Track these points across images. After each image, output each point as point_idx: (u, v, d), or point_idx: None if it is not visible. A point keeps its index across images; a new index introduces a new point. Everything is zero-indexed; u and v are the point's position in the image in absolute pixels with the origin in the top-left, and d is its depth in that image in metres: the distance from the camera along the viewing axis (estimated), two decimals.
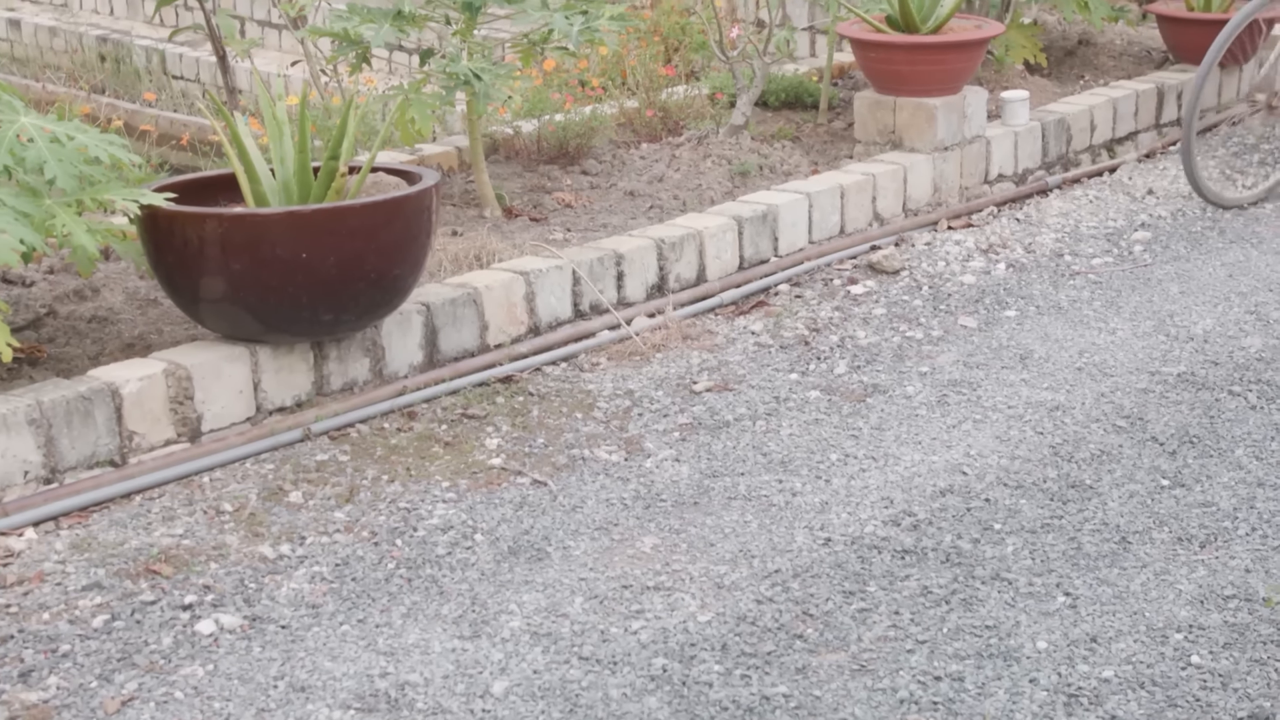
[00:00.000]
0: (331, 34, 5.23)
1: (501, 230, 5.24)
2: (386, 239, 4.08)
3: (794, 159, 6.11)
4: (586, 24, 5.21)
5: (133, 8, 12.74)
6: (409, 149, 5.77)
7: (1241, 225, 5.92)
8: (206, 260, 3.95)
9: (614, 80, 7.06)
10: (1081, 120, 6.58)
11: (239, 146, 4.18)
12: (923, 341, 4.86)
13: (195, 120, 8.74)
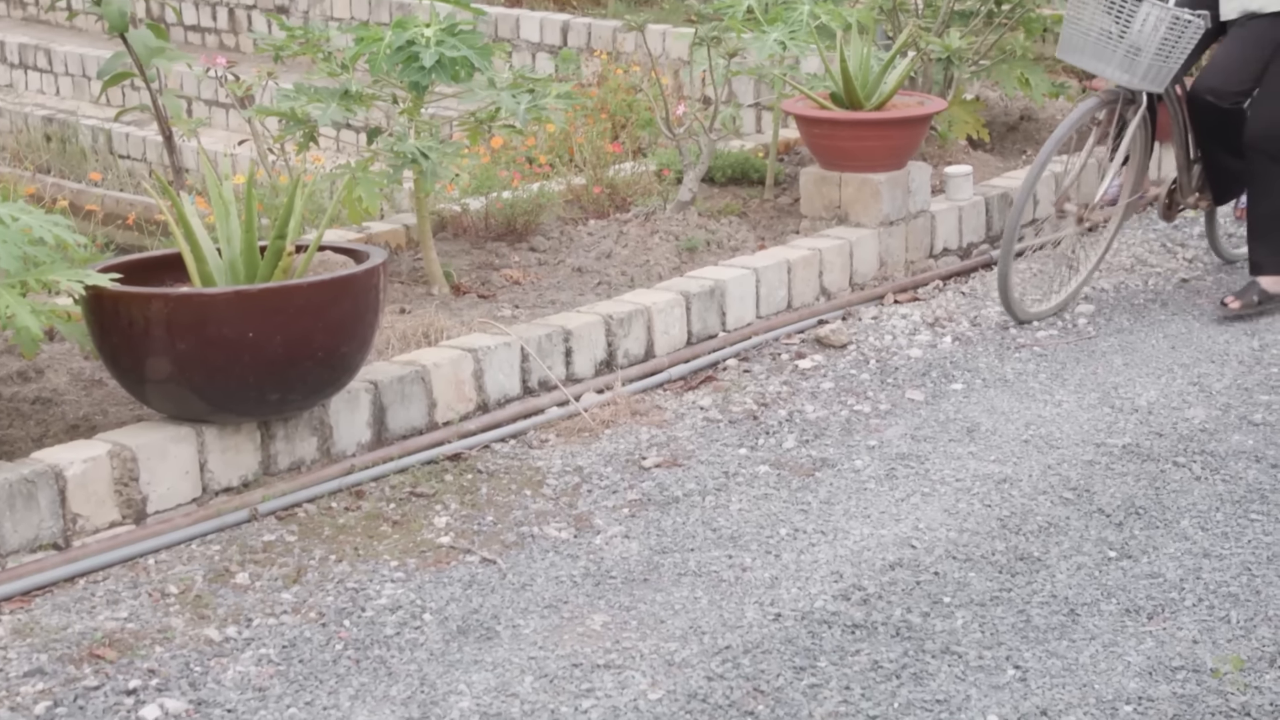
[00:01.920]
0: (278, 113, 5.24)
1: (450, 307, 5.24)
2: (334, 317, 4.07)
3: (741, 234, 6.15)
4: (533, 102, 5.25)
5: (79, 88, 12.73)
6: (357, 227, 5.77)
7: (1183, 298, 5.99)
8: (152, 340, 3.93)
9: (561, 157, 7.09)
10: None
11: (185, 226, 4.17)
12: (870, 415, 4.88)
13: (141, 199, 8.73)
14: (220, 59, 6.57)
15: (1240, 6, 5.58)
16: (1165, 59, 5.39)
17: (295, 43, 5.50)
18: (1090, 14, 5.48)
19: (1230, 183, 5.91)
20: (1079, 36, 5.53)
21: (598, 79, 8.59)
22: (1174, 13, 5.32)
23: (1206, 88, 5.58)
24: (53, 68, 13.00)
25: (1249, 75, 5.56)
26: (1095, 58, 5.51)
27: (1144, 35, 5.36)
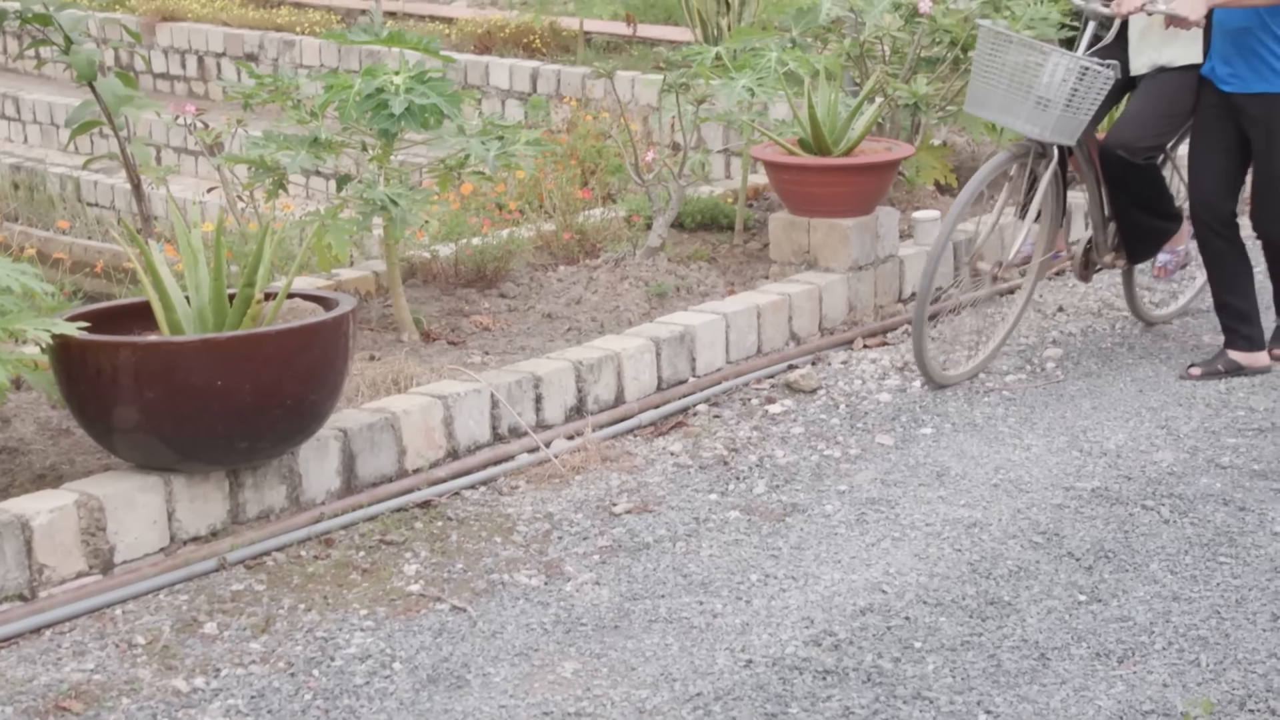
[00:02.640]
0: (248, 161, 5.24)
1: (419, 354, 5.24)
2: (303, 365, 4.06)
3: (710, 280, 6.17)
4: (503, 149, 5.26)
5: (47, 136, 12.71)
6: (326, 274, 5.76)
7: (1150, 341, 6.02)
8: (120, 389, 3.92)
9: (531, 203, 7.11)
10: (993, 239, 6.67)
11: (153, 274, 4.16)
12: (841, 460, 4.89)
13: (110, 247, 8.71)
14: (189, 106, 6.56)
15: (1150, 60, 5.50)
16: (1075, 111, 5.25)
17: (264, 90, 5.50)
18: (998, 66, 5.33)
19: (1146, 241, 5.76)
20: (987, 89, 5.37)
21: (567, 125, 8.62)
22: (1082, 63, 5.20)
23: (1118, 143, 5.45)
24: (20, 116, 12.99)
25: (1161, 130, 5.47)
26: (1004, 110, 5.35)
27: (1052, 87, 5.22)
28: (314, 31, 12.43)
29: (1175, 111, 5.47)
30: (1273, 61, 5.23)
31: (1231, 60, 5.30)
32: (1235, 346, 5.58)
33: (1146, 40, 5.49)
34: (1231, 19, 5.26)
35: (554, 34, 11.47)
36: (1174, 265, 5.92)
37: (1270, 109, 5.27)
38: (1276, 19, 5.19)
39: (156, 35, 13.21)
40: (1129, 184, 5.55)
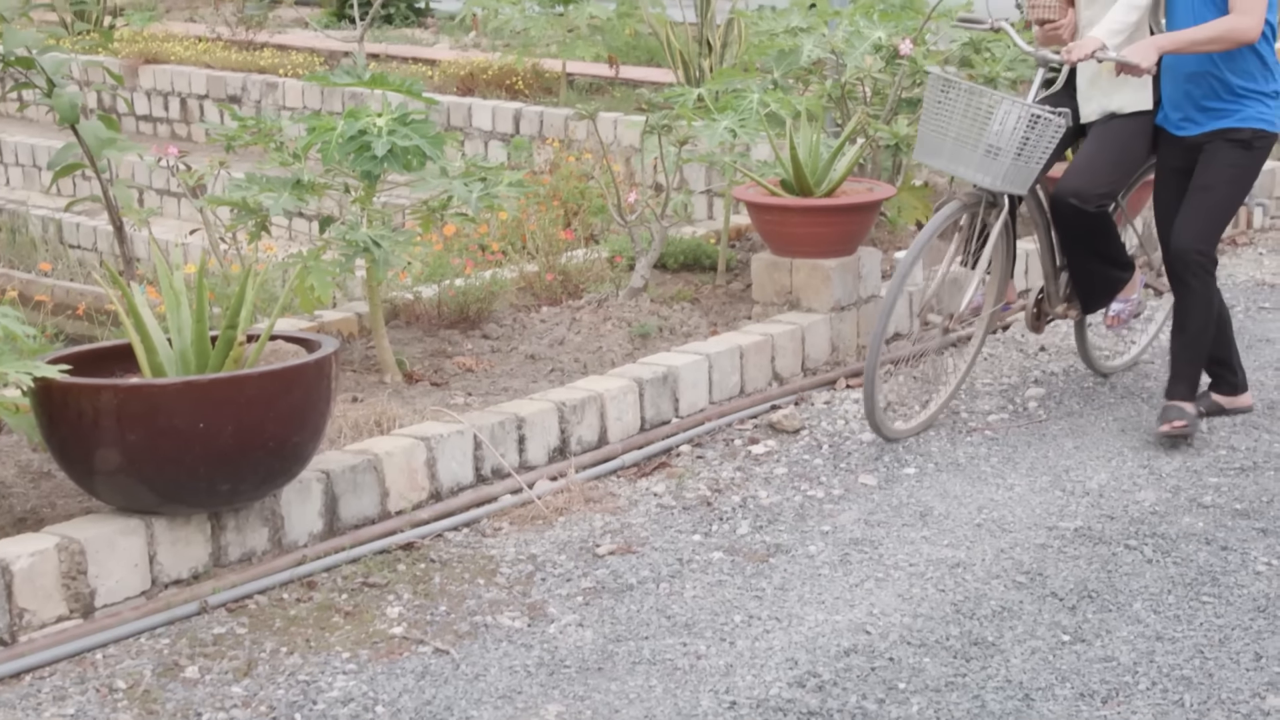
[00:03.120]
0: (230, 203, 5.25)
1: (402, 396, 5.23)
2: (285, 407, 4.06)
3: (693, 320, 6.17)
4: (486, 190, 5.27)
5: (29, 178, 12.70)
6: (309, 315, 5.76)
7: (1131, 381, 6.03)
8: (101, 432, 3.91)
9: (514, 245, 7.11)
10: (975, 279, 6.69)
11: (135, 317, 4.15)
12: (824, 500, 4.89)
13: (92, 289, 8.69)
14: (172, 149, 6.57)
15: (1100, 107, 5.41)
16: (1026, 160, 5.15)
17: (247, 133, 5.52)
18: (947, 113, 5.23)
19: (1099, 290, 5.66)
20: (936, 137, 5.27)
21: (550, 166, 8.65)
22: (1033, 111, 5.10)
23: (1069, 190, 5.32)
24: (2, 158, 12.98)
25: (1113, 177, 5.36)
26: (953, 159, 5.25)
27: (1003, 135, 5.12)
28: (297, 74, 12.45)
29: (1127, 159, 5.40)
30: (1224, 106, 5.19)
31: (1182, 105, 5.27)
32: (1219, 390, 5.59)
33: (1096, 87, 5.42)
34: (1182, 63, 5.22)
35: (536, 76, 11.51)
36: (1127, 314, 5.78)
37: (1218, 137, 5.22)
38: (1229, 65, 5.17)
39: (139, 77, 13.23)
40: (1081, 233, 5.44)
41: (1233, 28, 5.04)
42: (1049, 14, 5.54)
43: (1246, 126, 5.19)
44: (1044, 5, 5.56)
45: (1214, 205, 5.24)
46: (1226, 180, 5.23)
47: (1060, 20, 5.51)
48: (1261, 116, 5.21)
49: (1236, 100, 5.18)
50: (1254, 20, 5.04)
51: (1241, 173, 5.28)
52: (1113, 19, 5.21)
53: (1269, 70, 5.21)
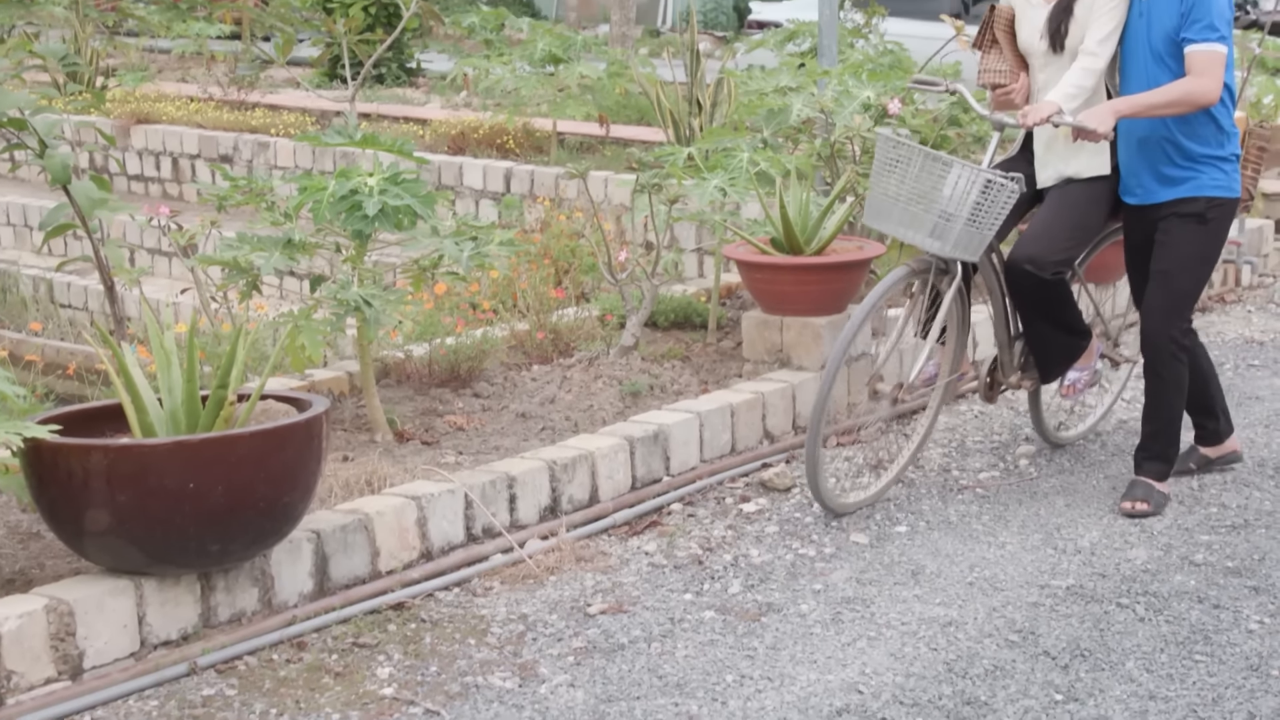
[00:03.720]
0: (222, 262, 5.26)
1: (393, 454, 5.23)
2: (276, 467, 4.05)
3: (684, 378, 6.18)
4: (477, 249, 5.29)
5: (20, 237, 12.72)
6: (300, 375, 5.76)
7: (1122, 438, 6.04)
8: (91, 492, 3.90)
9: (505, 303, 7.13)
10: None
11: (125, 376, 4.15)
12: (815, 559, 4.88)
13: (82, 349, 8.68)
14: (163, 209, 6.59)
15: (1057, 172, 5.30)
16: (979, 226, 5.00)
17: (239, 193, 5.53)
18: (896, 176, 5.09)
19: (1056, 358, 5.53)
20: (886, 202, 5.13)
21: (541, 225, 8.67)
22: (986, 176, 4.96)
23: (1025, 257, 5.19)
24: None
25: (1069, 244, 5.23)
26: (904, 224, 5.10)
27: (955, 200, 4.98)
28: (288, 133, 12.50)
29: (1084, 225, 5.26)
30: (1179, 173, 5.09)
31: (1137, 172, 5.17)
32: (1204, 442, 5.58)
33: (1052, 151, 5.32)
34: (1135, 128, 5.13)
35: (527, 134, 11.56)
36: (1083, 384, 5.67)
37: (1176, 209, 5.11)
38: (1183, 128, 5.07)
39: (131, 137, 13.27)
40: (1037, 300, 5.31)
41: (1191, 90, 4.95)
42: (1000, 79, 5.44)
43: (1201, 196, 5.08)
44: (995, 70, 5.46)
45: (1177, 289, 5.16)
46: (1187, 261, 5.14)
47: (1012, 85, 5.40)
48: (1217, 184, 5.09)
49: (1192, 166, 5.08)
50: (1212, 83, 4.96)
51: (1201, 249, 5.18)
52: (1069, 83, 5.13)
53: (1224, 134, 5.10)
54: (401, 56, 16.63)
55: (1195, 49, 4.95)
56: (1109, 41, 5.13)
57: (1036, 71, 5.36)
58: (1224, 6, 4.97)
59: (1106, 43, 5.13)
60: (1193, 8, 4.95)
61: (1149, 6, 5.06)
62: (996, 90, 5.46)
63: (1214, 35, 4.93)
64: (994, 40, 5.46)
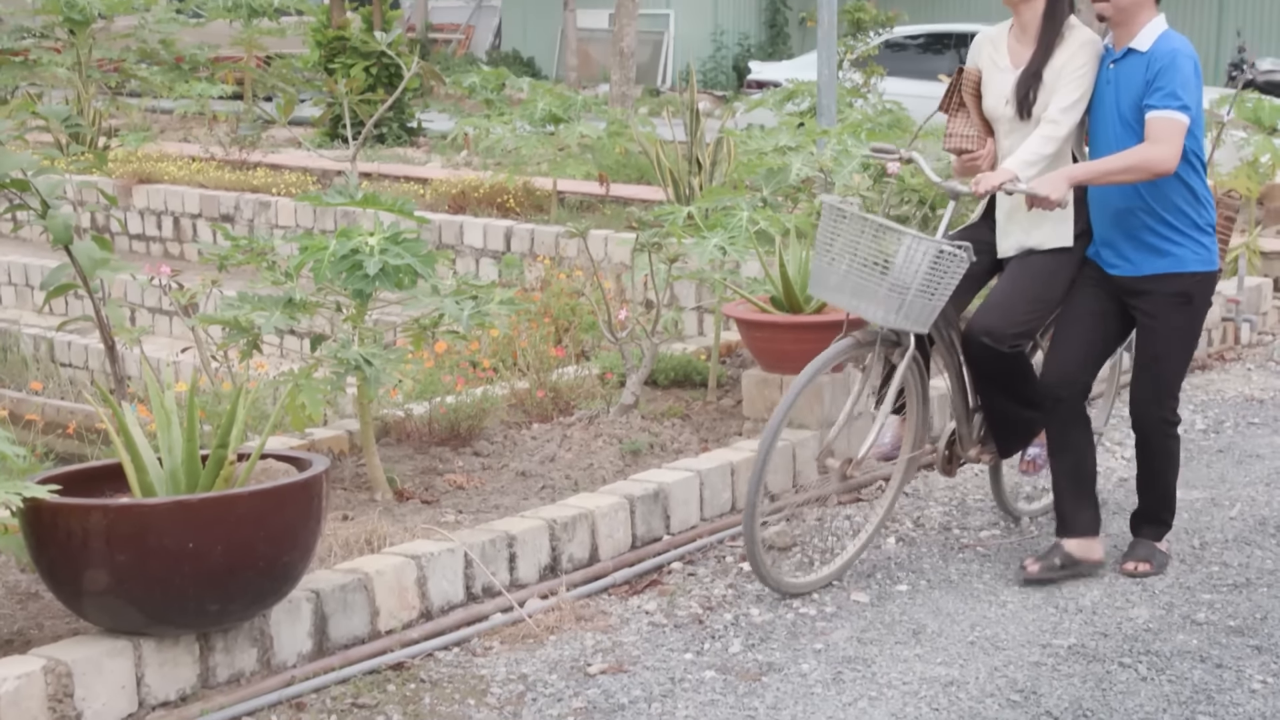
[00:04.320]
0: (222, 321, 5.27)
1: (393, 513, 5.22)
2: (276, 526, 4.05)
3: (684, 437, 6.18)
4: (477, 308, 5.30)
5: (21, 296, 12.75)
6: (300, 434, 5.76)
7: (1123, 497, 6.03)
8: (91, 552, 3.89)
9: (505, 361, 7.14)
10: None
11: (126, 436, 4.15)
12: (816, 618, 4.86)
13: (82, 408, 8.69)
14: (164, 268, 6.61)
15: (1018, 243, 5.15)
16: (929, 296, 4.83)
17: (240, 252, 5.55)
18: (841, 245, 4.90)
19: (1015, 433, 5.36)
20: (829, 270, 4.93)
21: (541, 283, 8.70)
22: (939, 246, 4.80)
23: (982, 329, 5.04)
24: None
25: (1029, 317, 5.07)
26: (852, 294, 4.89)
27: (906, 270, 4.79)
28: (290, 193, 12.56)
29: (1044, 297, 5.11)
30: (1159, 243, 4.99)
31: (1117, 243, 5.05)
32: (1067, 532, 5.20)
33: (1014, 221, 5.17)
34: (1112, 200, 5.01)
35: (528, 193, 11.61)
36: (1043, 460, 5.46)
37: (1161, 289, 5.00)
38: (1158, 198, 4.96)
39: (133, 197, 13.32)
40: (994, 373, 5.15)
41: (1147, 157, 4.83)
42: (967, 144, 5.30)
43: (1186, 272, 4.99)
44: (961, 135, 5.33)
45: (1167, 372, 5.09)
46: (1175, 345, 5.06)
47: (979, 151, 5.26)
48: (1199, 258, 5.00)
49: (1170, 238, 4.98)
50: (1169, 149, 4.82)
51: (1188, 331, 5.08)
52: (1028, 149, 5.01)
53: (1200, 203, 5.01)
54: (402, 116, 16.74)
55: (1155, 115, 4.85)
56: (1073, 110, 5.04)
57: (1002, 138, 5.23)
58: (1189, 76, 4.87)
59: (1070, 111, 5.03)
60: (1157, 74, 4.86)
61: (1117, 74, 4.99)
62: (963, 156, 5.33)
63: (1175, 103, 4.83)
64: (961, 104, 5.35)
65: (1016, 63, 5.16)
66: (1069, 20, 5.11)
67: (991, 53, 5.27)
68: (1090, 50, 5.06)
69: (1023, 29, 5.17)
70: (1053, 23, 5.08)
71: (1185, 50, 4.90)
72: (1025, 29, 5.16)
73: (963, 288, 5.02)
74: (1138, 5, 4.96)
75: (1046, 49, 5.08)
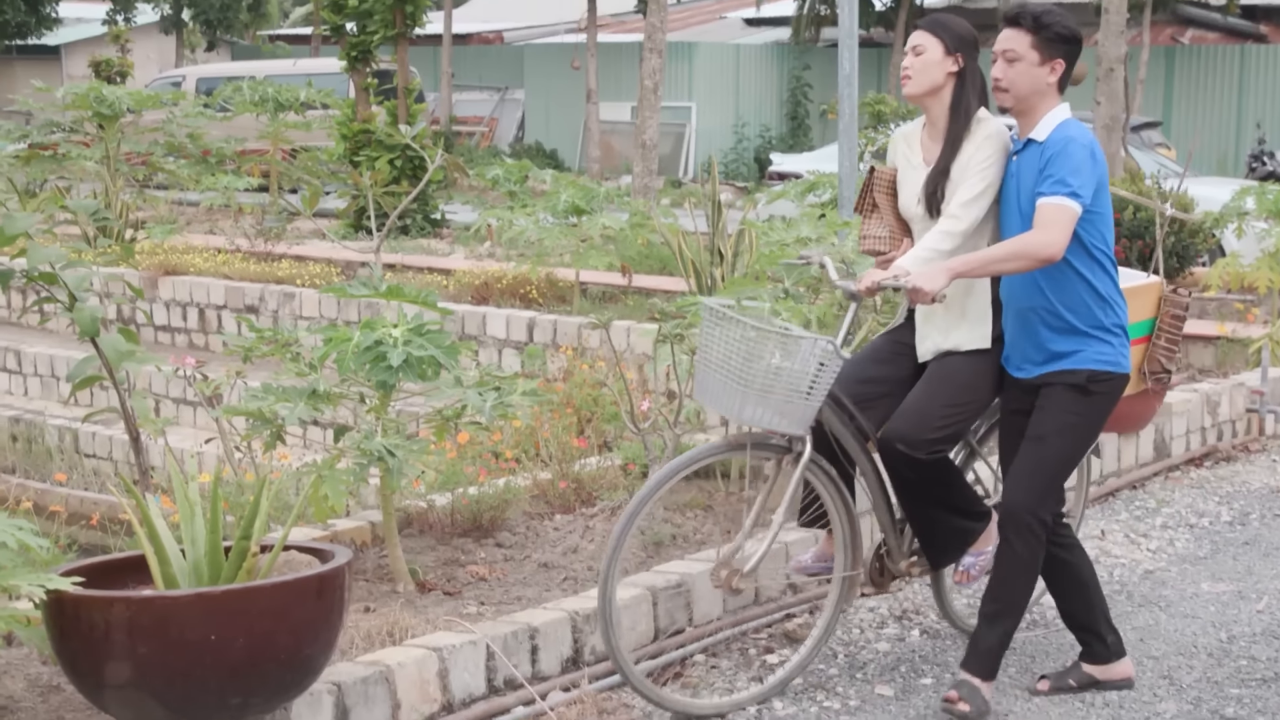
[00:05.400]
0: (246, 413, 5.29)
1: (415, 605, 5.21)
2: (298, 619, 4.04)
3: (706, 528, 6.16)
4: (499, 399, 5.31)
5: (47, 388, 12.82)
6: (322, 524, 5.76)
7: (1149, 589, 5.99)
8: (113, 644, 3.88)
9: (528, 452, 7.14)
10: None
11: (149, 527, 4.16)
12: (840, 712, 4.82)
13: (106, 499, 8.72)
14: (189, 359, 6.66)
15: (935, 345, 4.94)
16: (812, 398, 4.60)
17: (264, 344, 5.58)
18: (722, 350, 4.64)
19: (946, 543, 5.06)
20: (709, 375, 4.67)
21: (563, 374, 8.71)
22: (824, 346, 4.57)
23: (897, 436, 4.79)
24: (22, 369, 13.12)
25: (946, 422, 4.80)
26: (731, 399, 4.63)
27: (790, 373, 4.56)
28: (314, 284, 12.64)
29: (961, 401, 4.84)
30: (1061, 345, 4.74)
31: (1021, 345, 4.82)
32: (1090, 659, 5.01)
33: (930, 323, 4.96)
34: (1016, 299, 4.80)
35: (550, 284, 11.68)
36: (978, 570, 5.10)
37: (1057, 381, 4.74)
38: (1061, 295, 4.72)
39: (159, 288, 13.43)
40: (915, 482, 4.87)
41: (1029, 244, 4.60)
42: (879, 245, 5.14)
43: (1083, 368, 4.73)
44: (874, 237, 5.16)
45: (1047, 459, 4.75)
46: (1060, 431, 4.74)
47: (892, 253, 5.08)
48: (1102, 357, 4.74)
49: (1074, 338, 4.73)
50: (1054, 236, 4.57)
51: (1079, 422, 4.77)
52: (923, 246, 4.80)
53: (1106, 302, 4.75)
54: (426, 208, 16.88)
55: (1042, 201, 4.63)
56: (974, 205, 4.81)
57: (917, 237, 5.00)
58: (1081, 163, 4.63)
59: (971, 205, 4.81)
60: (1048, 162, 4.66)
61: (1018, 166, 4.80)
62: (877, 258, 5.16)
63: (1064, 190, 4.59)
64: (874, 205, 5.16)
65: (929, 159, 4.98)
66: (978, 114, 4.92)
67: (905, 150, 5.09)
68: (996, 143, 4.86)
69: (933, 124, 4.99)
70: (959, 116, 4.91)
71: (1080, 138, 4.70)
72: (935, 124, 4.97)
73: (886, 392, 4.90)
74: (1037, 94, 4.78)
75: (954, 144, 4.90)
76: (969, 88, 4.90)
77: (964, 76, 4.90)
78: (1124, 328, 4.82)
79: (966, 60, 4.91)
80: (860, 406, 4.91)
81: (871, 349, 5.18)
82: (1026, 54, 4.75)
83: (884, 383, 4.99)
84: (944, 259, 4.74)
